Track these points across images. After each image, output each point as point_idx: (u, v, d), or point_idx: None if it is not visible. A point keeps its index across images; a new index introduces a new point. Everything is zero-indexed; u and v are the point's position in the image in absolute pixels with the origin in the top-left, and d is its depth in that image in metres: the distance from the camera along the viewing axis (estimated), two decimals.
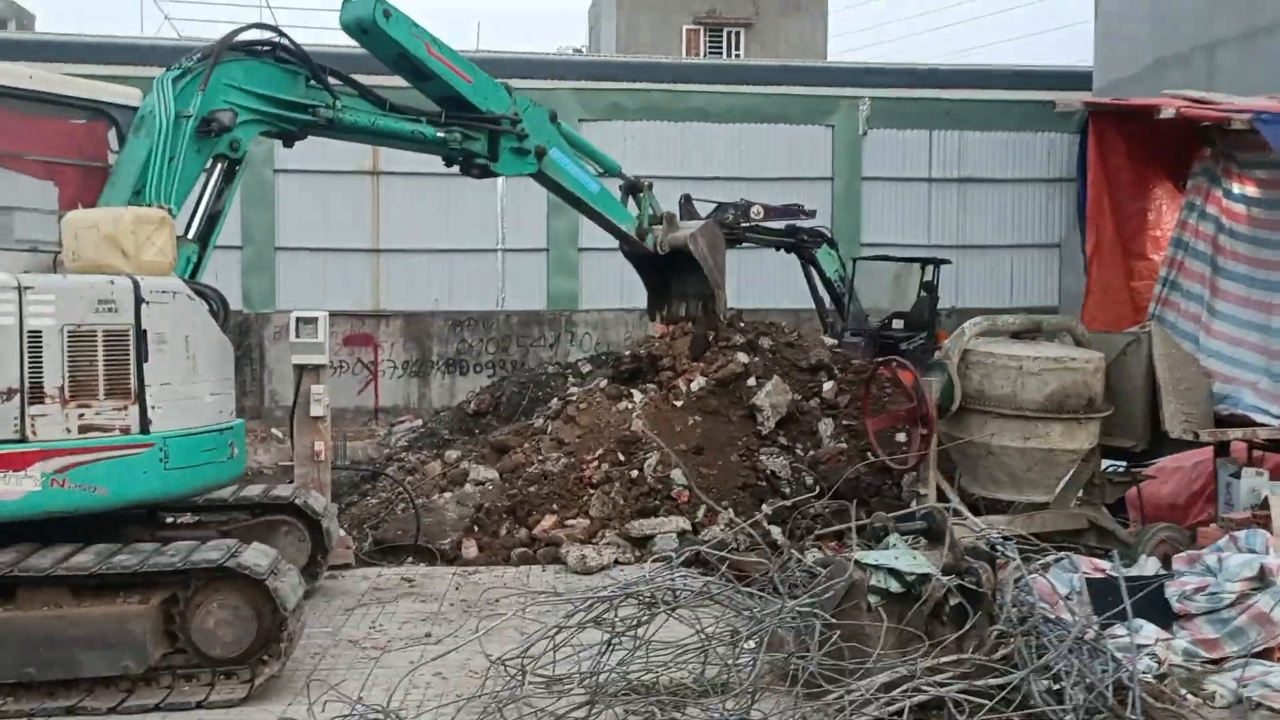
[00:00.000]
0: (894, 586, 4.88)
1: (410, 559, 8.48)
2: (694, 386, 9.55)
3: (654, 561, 4.71)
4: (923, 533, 5.23)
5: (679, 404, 9.45)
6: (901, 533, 5.17)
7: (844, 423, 9.44)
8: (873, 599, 4.88)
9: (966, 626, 4.87)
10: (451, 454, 10.30)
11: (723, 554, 4.92)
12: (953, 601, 4.94)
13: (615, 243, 9.01)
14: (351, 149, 18.50)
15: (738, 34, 27.33)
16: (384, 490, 10.18)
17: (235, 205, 9.18)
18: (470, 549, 8.48)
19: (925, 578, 4.88)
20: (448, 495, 9.24)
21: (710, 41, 27.26)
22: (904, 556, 4.95)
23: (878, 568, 4.92)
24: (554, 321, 19.68)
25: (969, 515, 6.33)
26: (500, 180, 19.62)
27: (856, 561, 5.00)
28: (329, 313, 8.69)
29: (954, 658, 4.69)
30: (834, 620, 4.69)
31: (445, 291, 19.42)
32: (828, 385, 9.76)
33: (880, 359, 7.96)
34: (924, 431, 7.13)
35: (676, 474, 8.67)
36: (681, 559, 4.69)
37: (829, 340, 10.83)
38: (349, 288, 18.86)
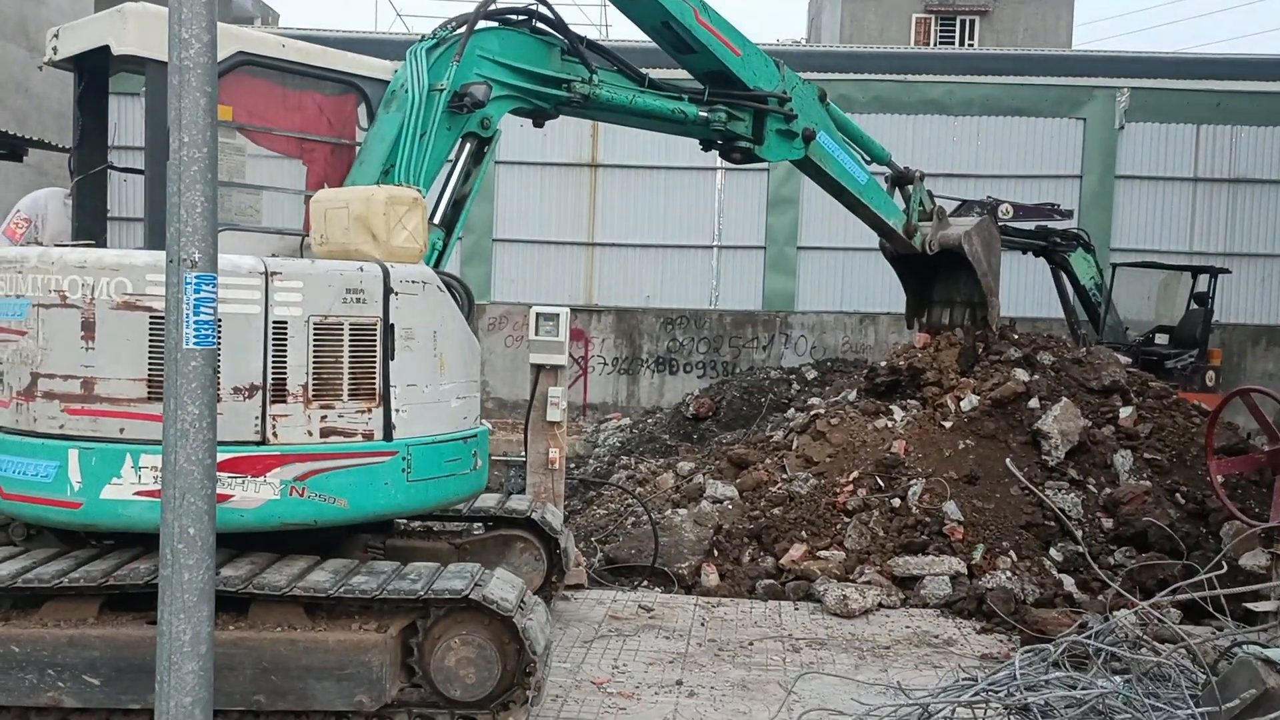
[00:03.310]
0: None
1: (645, 582, 7.73)
2: (965, 405, 8.38)
3: (1023, 653, 3.65)
4: None
5: (948, 425, 8.30)
6: None
7: (1146, 455, 8.07)
8: None
9: None
10: (684, 465, 9.50)
11: (1124, 652, 3.82)
12: None
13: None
14: (571, 141, 18.49)
15: (972, 22, 25.56)
16: (611, 500, 9.49)
17: None
18: (711, 576, 7.65)
19: None
20: (683, 512, 8.43)
21: (941, 30, 25.59)
22: None
23: None
24: (769, 322, 18.81)
25: None
26: (719, 174, 18.97)
27: (1269, 662, 3.81)
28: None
29: None
30: None
31: (657, 288, 18.88)
32: (1125, 411, 8.38)
33: (1237, 388, 6.62)
34: None
35: (950, 506, 7.55)
36: (1061, 650, 3.65)
37: (1124, 358, 9.40)
38: (562, 281, 18.61)
